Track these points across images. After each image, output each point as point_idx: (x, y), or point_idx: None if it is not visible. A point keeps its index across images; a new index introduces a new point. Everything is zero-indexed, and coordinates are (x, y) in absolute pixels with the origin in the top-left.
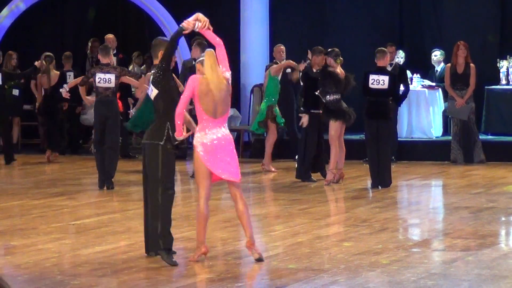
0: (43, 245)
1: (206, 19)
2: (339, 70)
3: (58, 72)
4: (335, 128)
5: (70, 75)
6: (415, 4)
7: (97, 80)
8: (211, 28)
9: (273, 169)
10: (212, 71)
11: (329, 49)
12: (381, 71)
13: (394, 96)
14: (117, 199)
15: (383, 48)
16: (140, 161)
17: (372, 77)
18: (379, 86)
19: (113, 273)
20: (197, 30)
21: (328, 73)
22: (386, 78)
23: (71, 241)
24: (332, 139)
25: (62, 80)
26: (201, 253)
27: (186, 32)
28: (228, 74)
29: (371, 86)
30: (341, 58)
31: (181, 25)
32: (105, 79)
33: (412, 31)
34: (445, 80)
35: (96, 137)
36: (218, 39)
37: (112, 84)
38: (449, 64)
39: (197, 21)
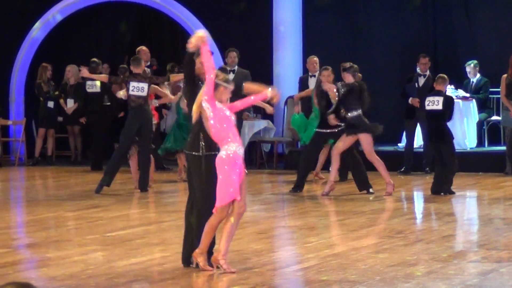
0: (78, 257)
1: (201, 35)
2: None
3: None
4: (367, 142)
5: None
6: (448, 15)
7: (130, 88)
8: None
9: (323, 177)
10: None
11: (348, 65)
12: (438, 93)
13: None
14: (152, 211)
15: (445, 76)
16: (174, 173)
17: (428, 98)
18: (434, 107)
19: (149, 285)
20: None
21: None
22: (440, 99)
23: (106, 253)
24: (370, 155)
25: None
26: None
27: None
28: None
29: (427, 107)
30: (360, 75)
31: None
32: (138, 88)
33: (445, 42)
34: (500, 91)
35: (127, 144)
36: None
37: (145, 93)
38: (505, 75)
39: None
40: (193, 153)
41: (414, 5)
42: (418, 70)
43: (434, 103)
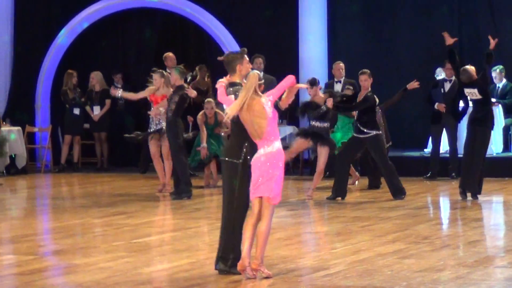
0: (104, 264)
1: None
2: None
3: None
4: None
5: None
6: (473, 20)
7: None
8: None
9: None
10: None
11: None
12: (471, 85)
13: (454, 113)
14: (178, 218)
15: (465, 67)
16: (200, 179)
17: (466, 90)
18: (474, 97)
19: None
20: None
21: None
22: (475, 91)
23: (133, 259)
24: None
25: None
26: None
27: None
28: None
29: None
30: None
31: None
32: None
33: (471, 47)
34: None
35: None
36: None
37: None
38: None
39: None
40: (234, 160)
41: (441, 11)
42: (437, 76)
43: (473, 95)
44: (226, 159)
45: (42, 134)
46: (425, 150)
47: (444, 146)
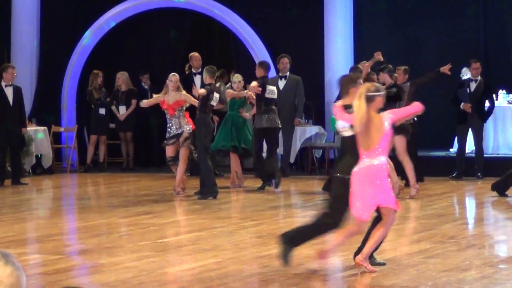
0: (130, 263)
1: None
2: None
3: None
4: (399, 143)
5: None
6: (499, 19)
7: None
8: None
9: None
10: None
11: (383, 65)
12: None
13: (480, 112)
14: (204, 217)
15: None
16: (226, 179)
17: None
18: None
19: None
20: None
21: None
22: None
23: (158, 259)
24: (401, 155)
25: None
26: None
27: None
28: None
29: None
30: (396, 75)
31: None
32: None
33: (497, 46)
34: None
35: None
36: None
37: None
38: None
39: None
40: (345, 176)
41: (467, 11)
42: (462, 76)
43: None
44: (345, 177)
45: (68, 134)
46: (451, 150)
47: (470, 146)
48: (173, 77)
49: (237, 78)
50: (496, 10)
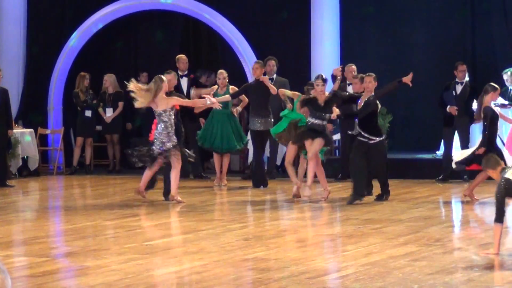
0: (116, 266)
1: None
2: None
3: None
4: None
5: None
6: (487, 22)
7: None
8: None
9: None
10: None
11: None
12: None
13: (467, 114)
14: (190, 220)
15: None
16: (212, 181)
17: None
18: None
19: None
20: None
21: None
22: None
23: (145, 261)
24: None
25: None
26: None
27: None
28: None
29: None
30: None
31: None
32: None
33: (484, 50)
34: None
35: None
36: None
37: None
38: None
39: None
40: None
41: (455, 13)
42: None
43: None
44: None
45: (54, 136)
46: (437, 152)
47: (456, 149)
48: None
49: (221, 74)
50: (484, 13)
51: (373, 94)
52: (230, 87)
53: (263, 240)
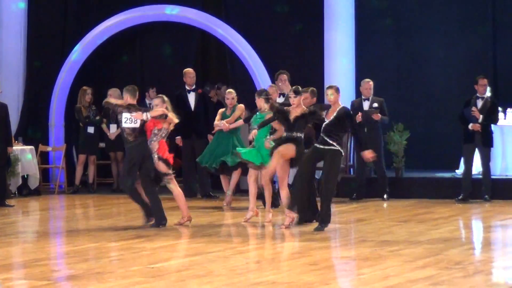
0: None
1: None
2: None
3: None
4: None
5: None
6: (509, 35)
7: (123, 120)
8: None
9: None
10: None
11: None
12: None
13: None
14: (198, 241)
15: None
16: (221, 201)
17: None
18: None
19: None
20: None
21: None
22: None
23: (150, 285)
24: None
25: None
26: None
27: None
28: None
29: None
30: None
31: None
32: (131, 119)
33: (506, 63)
34: None
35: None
36: None
37: (137, 124)
38: None
39: None
40: None
41: (474, 26)
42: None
43: None
44: None
45: (55, 154)
46: (456, 171)
47: (477, 167)
48: None
49: (230, 94)
50: (505, 26)
51: (342, 105)
52: (237, 106)
53: (275, 262)
